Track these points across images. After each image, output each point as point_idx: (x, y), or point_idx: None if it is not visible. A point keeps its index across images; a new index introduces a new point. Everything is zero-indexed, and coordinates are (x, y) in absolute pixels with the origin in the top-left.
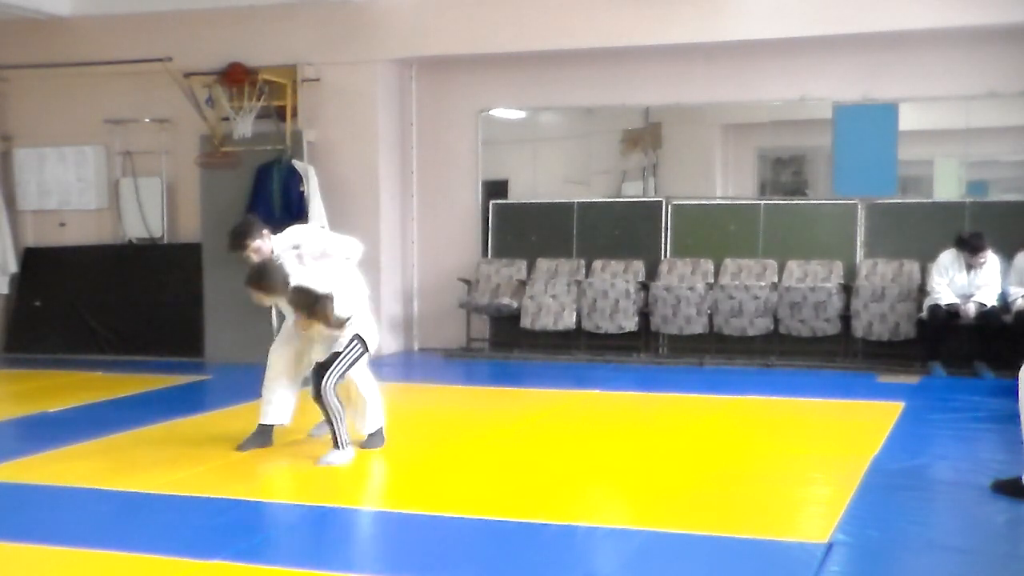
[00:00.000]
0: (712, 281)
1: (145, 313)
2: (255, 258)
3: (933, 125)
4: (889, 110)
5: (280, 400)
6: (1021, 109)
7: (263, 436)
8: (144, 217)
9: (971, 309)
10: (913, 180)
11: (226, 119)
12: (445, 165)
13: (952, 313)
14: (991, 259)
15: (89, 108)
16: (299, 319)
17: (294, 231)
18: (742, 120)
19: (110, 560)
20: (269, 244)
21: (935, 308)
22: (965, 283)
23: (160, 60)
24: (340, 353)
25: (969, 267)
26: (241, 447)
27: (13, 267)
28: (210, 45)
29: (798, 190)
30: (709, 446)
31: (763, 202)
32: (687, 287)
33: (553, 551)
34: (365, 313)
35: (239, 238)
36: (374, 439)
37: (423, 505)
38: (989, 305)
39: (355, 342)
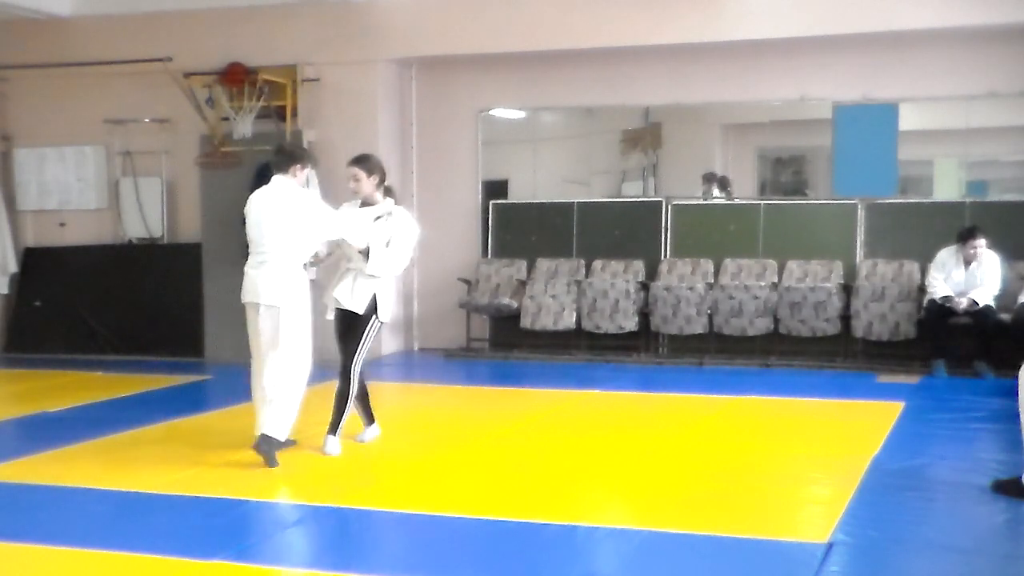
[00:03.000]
0: (712, 281)
1: (145, 313)
2: (352, 185)
3: (933, 125)
4: (889, 110)
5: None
6: (1021, 109)
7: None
8: (144, 217)
9: (963, 302)
10: (913, 180)
11: (226, 119)
12: (445, 165)
13: (947, 307)
14: (989, 256)
15: (89, 108)
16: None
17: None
18: (742, 120)
19: (110, 560)
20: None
21: (931, 302)
22: (962, 279)
23: (160, 60)
24: (363, 333)
25: (967, 263)
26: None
27: (13, 267)
28: (210, 45)
29: (798, 190)
30: (709, 446)
31: (763, 202)
32: (687, 287)
33: (553, 551)
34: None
35: (364, 161)
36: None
37: (423, 505)
38: (982, 304)
39: (374, 319)
